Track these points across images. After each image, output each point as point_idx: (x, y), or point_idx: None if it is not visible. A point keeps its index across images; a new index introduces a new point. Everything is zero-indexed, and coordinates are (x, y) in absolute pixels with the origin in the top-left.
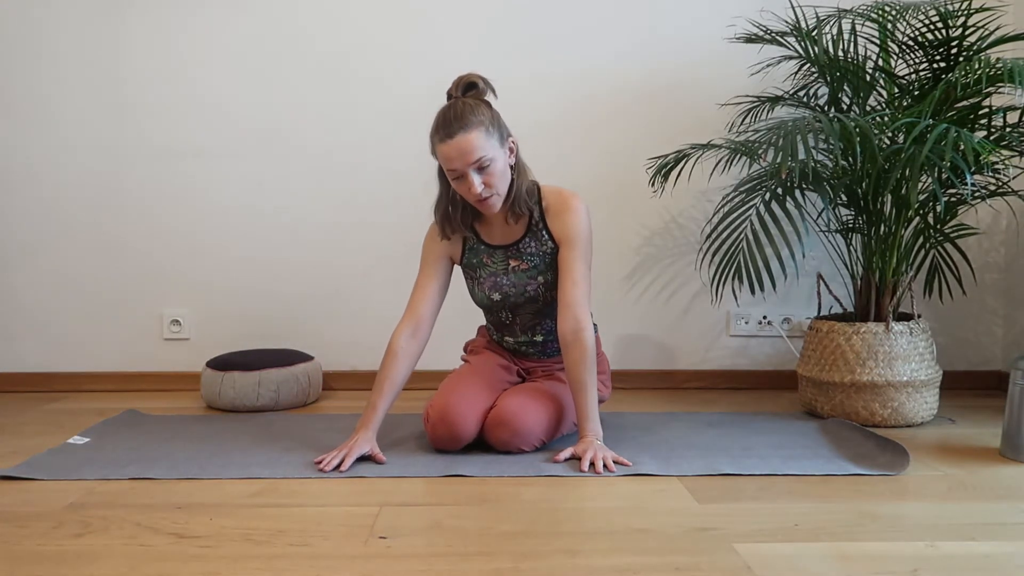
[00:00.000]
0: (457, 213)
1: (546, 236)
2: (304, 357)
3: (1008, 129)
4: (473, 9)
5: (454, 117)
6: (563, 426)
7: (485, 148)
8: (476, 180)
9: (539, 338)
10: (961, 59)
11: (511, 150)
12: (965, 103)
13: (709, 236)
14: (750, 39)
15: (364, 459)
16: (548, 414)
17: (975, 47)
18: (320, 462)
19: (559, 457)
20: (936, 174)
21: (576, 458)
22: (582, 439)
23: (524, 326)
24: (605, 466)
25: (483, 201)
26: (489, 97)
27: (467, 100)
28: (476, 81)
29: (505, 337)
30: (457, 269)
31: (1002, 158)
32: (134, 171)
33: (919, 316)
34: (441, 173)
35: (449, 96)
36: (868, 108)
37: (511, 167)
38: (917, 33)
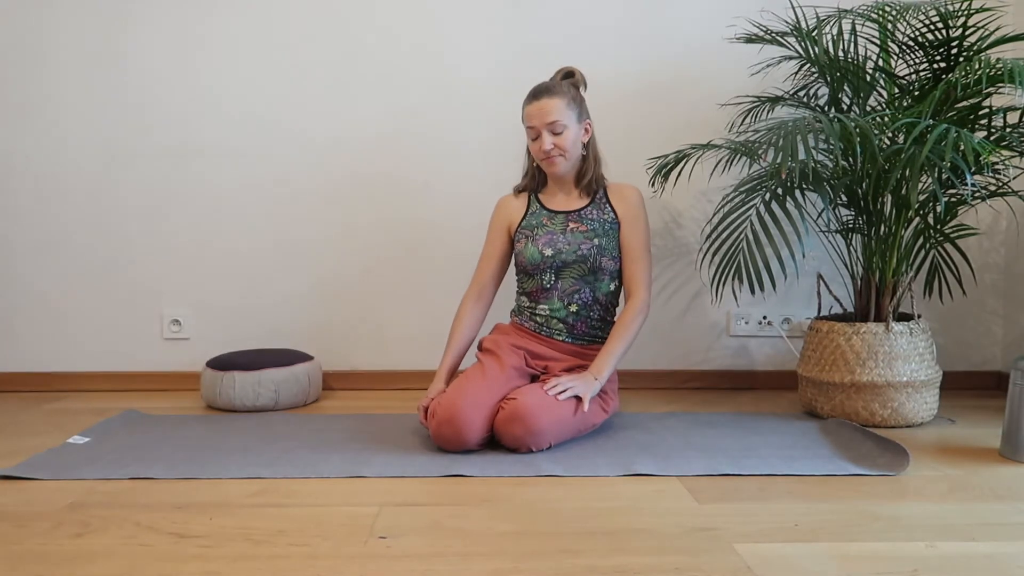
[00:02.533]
0: (528, 179)
1: (608, 208)
2: (304, 357)
3: (1008, 129)
4: (472, 12)
5: (543, 87)
6: (576, 431)
7: (561, 115)
8: (547, 139)
9: (574, 308)
10: (961, 59)
11: (586, 130)
12: (965, 103)
13: (709, 236)
14: (750, 39)
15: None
16: (564, 416)
17: (975, 47)
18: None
19: (547, 387)
20: (936, 174)
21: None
22: (586, 371)
23: (563, 291)
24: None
25: (549, 158)
26: (581, 89)
27: (559, 80)
28: (573, 71)
29: (540, 306)
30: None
31: (1002, 158)
32: (134, 171)
33: (919, 316)
34: (528, 152)
35: None
36: (868, 108)
37: (585, 145)
38: (917, 33)
